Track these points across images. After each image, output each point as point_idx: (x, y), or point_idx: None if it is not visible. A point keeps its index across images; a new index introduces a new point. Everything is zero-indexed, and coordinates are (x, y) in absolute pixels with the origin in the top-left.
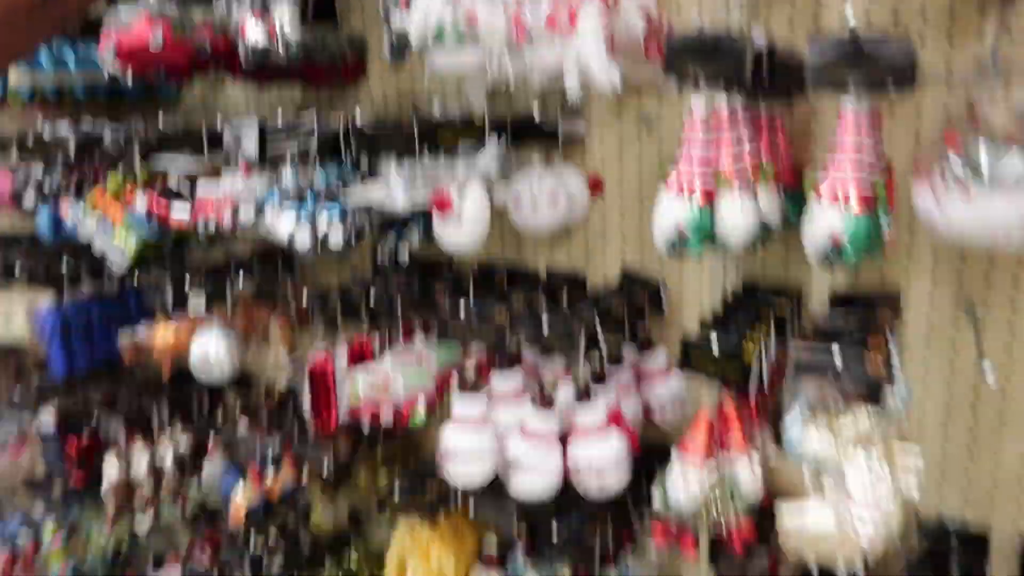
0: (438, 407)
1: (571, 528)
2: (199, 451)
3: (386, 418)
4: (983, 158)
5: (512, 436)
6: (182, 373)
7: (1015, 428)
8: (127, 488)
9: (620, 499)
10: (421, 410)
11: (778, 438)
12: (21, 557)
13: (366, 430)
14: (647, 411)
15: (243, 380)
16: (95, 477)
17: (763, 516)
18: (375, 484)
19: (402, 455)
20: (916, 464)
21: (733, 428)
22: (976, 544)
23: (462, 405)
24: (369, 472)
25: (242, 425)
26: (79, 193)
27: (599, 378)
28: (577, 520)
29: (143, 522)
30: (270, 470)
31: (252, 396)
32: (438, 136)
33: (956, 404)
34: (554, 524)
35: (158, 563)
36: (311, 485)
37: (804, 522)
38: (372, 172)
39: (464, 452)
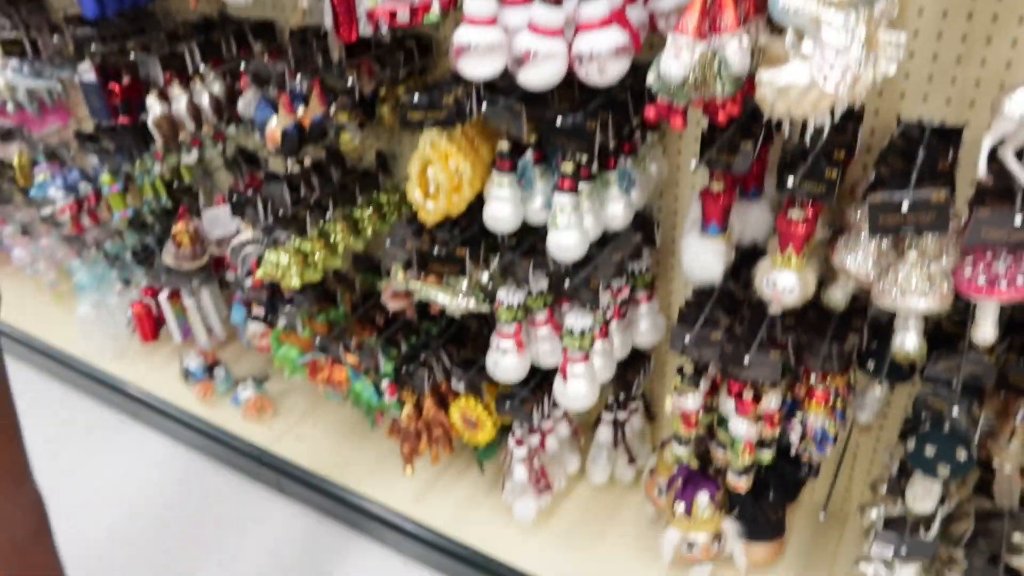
0: (452, 9)
1: (575, 123)
2: (232, 96)
3: (402, 18)
4: None
5: (521, 33)
6: (208, 20)
7: (1005, 34)
8: (171, 123)
9: (621, 105)
10: (436, 8)
11: (770, 21)
12: (85, 204)
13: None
14: (653, 20)
15: (267, 26)
16: (140, 122)
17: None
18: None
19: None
20: (898, 41)
21: (727, 9)
22: (949, 136)
23: (474, 4)
24: (392, 107)
25: (269, 60)
26: None
27: None
28: (580, 118)
29: (190, 158)
30: (300, 104)
31: (277, 39)
32: None
33: (953, 9)
34: (559, 119)
35: (208, 200)
36: (339, 115)
37: (778, 74)
38: None
39: (476, 46)
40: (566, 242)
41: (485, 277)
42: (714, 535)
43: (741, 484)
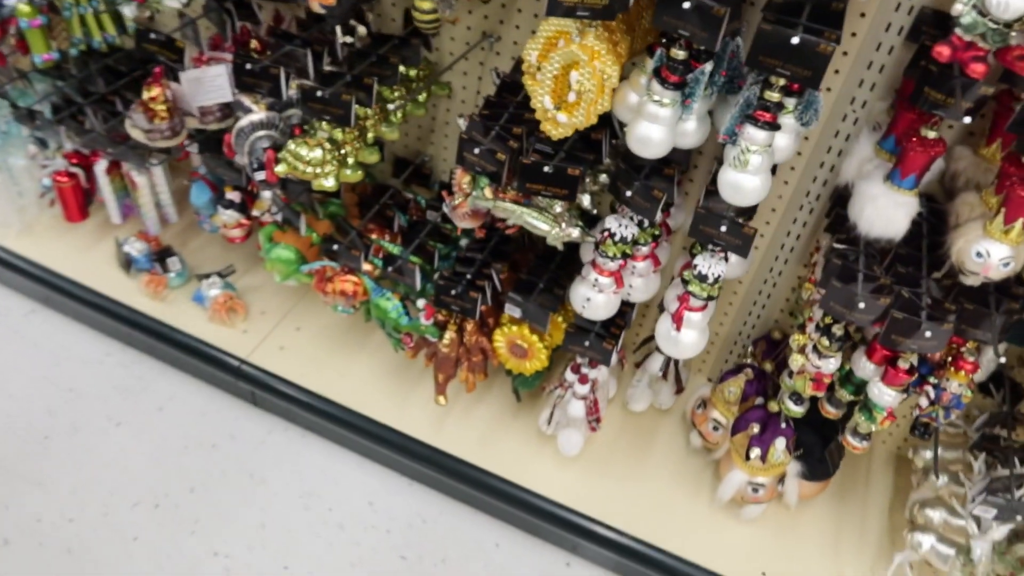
0: None
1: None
2: None
3: None
4: None
5: None
6: None
7: None
8: None
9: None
10: None
11: None
12: None
13: None
14: None
15: None
16: None
17: None
18: None
19: None
20: None
21: None
22: None
23: None
24: None
25: None
26: None
27: None
28: (812, 38)
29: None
30: None
31: None
32: None
33: None
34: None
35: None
36: None
37: None
38: None
39: None
40: (751, 185)
41: (587, 201)
42: (779, 477)
43: (863, 446)
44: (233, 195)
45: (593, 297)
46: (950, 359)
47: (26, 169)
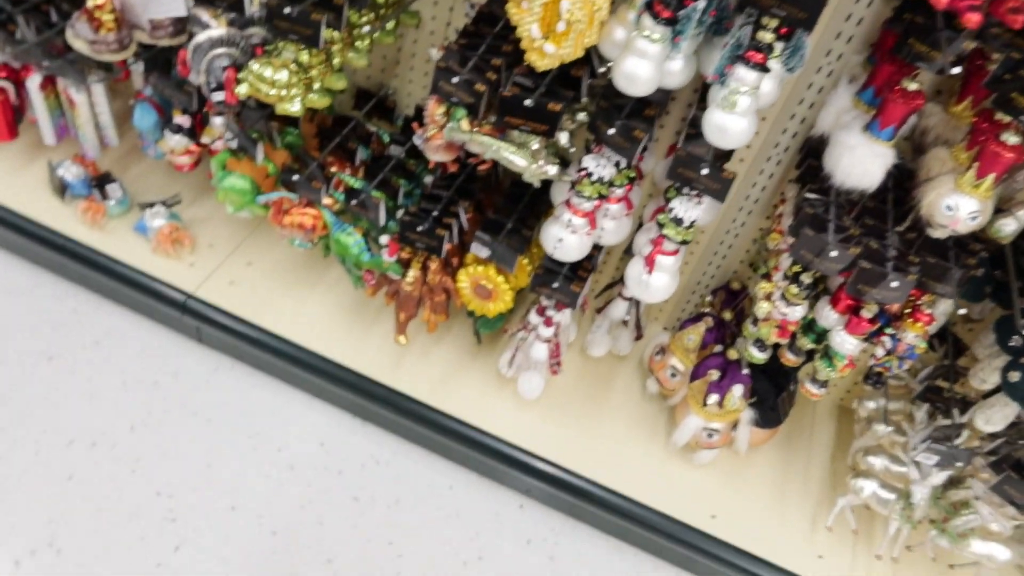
0: None
1: None
2: None
3: None
4: None
5: None
6: None
7: None
8: None
9: None
10: None
11: None
12: None
13: None
14: None
15: None
16: None
17: None
18: None
19: None
20: None
21: None
22: None
23: None
24: None
25: None
26: None
27: None
28: None
29: None
30: None
31: None
32: None
33: None
34: None
35: None
36: None
37: None
38: None
39: None
40: (737, 127)
41: (564, 139)
42: (733, 423)
43: (820, 393)
44: (182, 119)
45: (566, 238)
46: (908, 311)
47: None
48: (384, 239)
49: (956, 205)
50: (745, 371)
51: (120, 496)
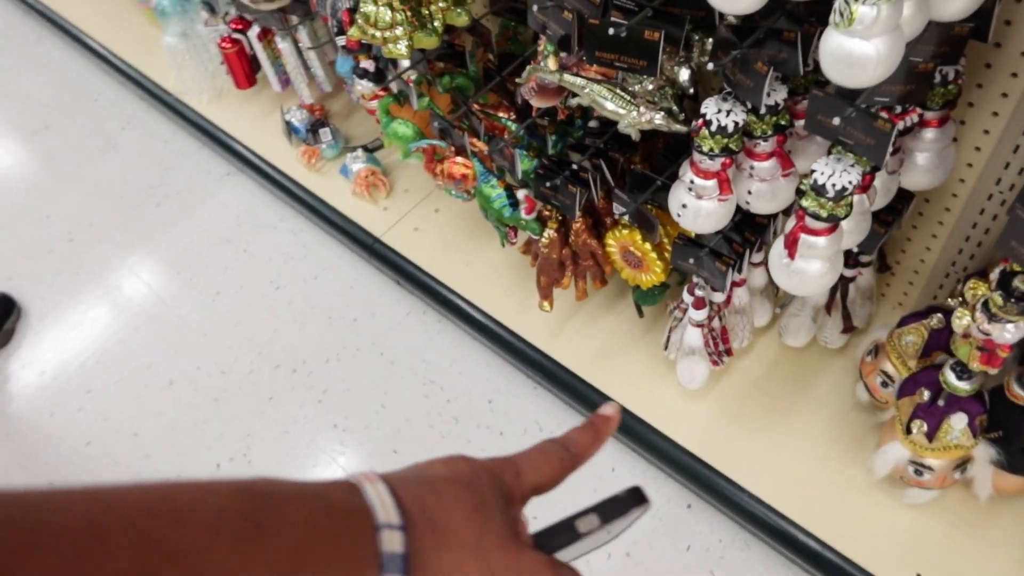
0: None
1: None
2: None
3: None
4: None
5: None
6: None
7: None
8: None
9: None
10: None
11: None
12: None
13: None
14: None
15: None
16: None
17: None
18: None
19: None
20: None
21: None
22: None
23: None
24: None
25: None
26: None
27: None
28: None
29: None
30: None
31: None
32: None
33: None
34: None
35: None
36: None
37: None
38: None
39: None
40: (864, 53)
41: (684, 75)
42: (958, 462)
43: None
44: (367, 63)
45: (690, 203)
46: None
47: (208, 36)
48: (522, 193)
49: None
50: (975, 396)
51: (305, 422)
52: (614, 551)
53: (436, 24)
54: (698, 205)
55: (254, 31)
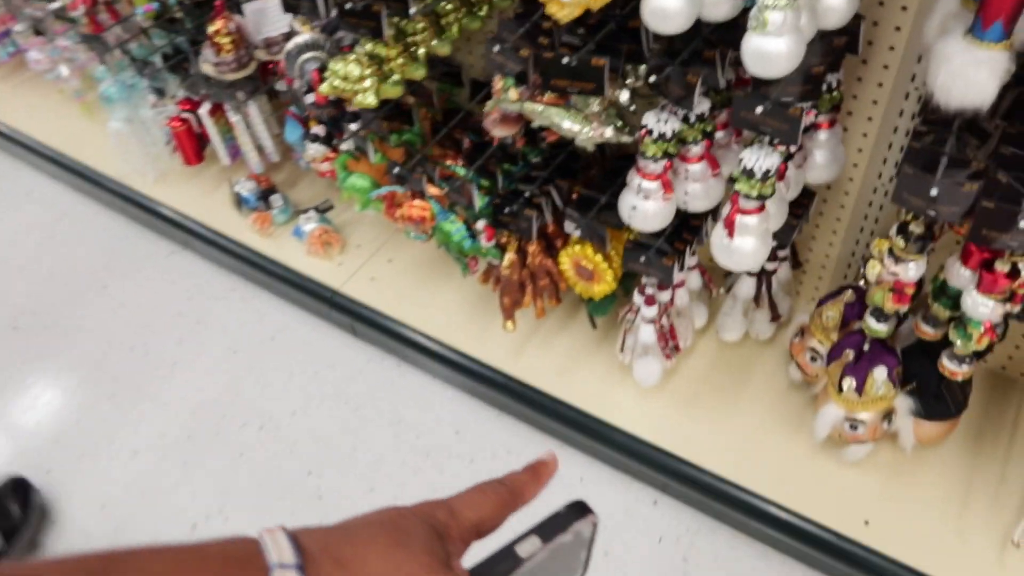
0: None
1: None
2: None
3: None
4: None
5: None
6: None
7: None
8: None
9: None
10: None
11: None
12: None
13: None
14: None
15: None
16: None
17: None
18: None
19: None
20: None
21: None
22: None
23: None
24: None
25: None
26: None
27: None
28: None
29: None
30: None
31: None
32: None
33: None
34: None
35: None
36: None
37: None
38: None
39: None
40: (776, 50)
41: (624, 97)
42: (884, 413)
43: (962, 371)
44: (318, 129)
45: (639, 205)
46: None
47: (155, 118)
48: (480, 224)
49: None
50: (889, 351)
51: (279, 474)
52: (594, 551)
53: (396, 77)
54: (646, 206)
55: (205, 108)
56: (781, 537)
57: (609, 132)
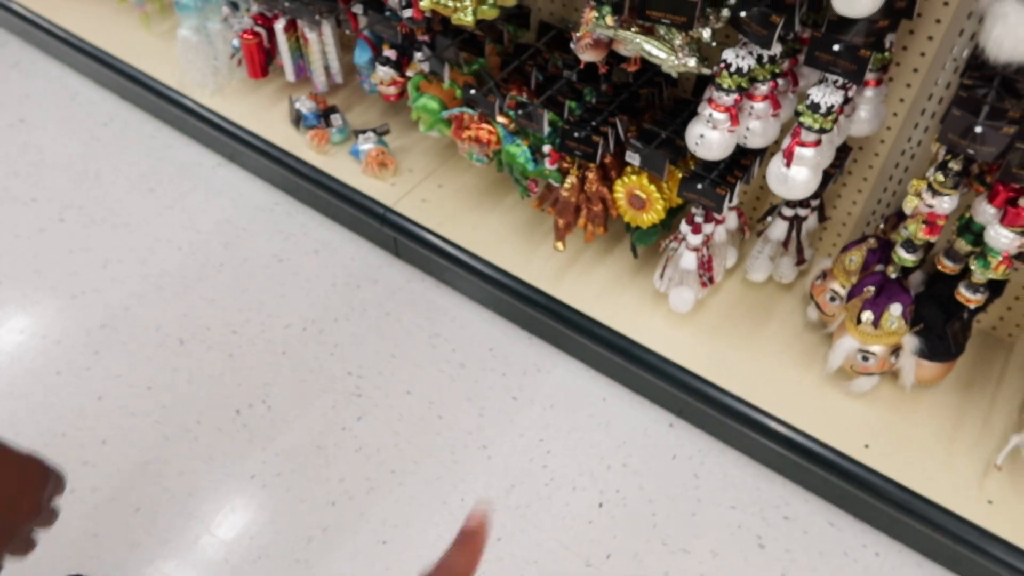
0: None
1: None
2: None
3: None
4: None
5: None
6: None
7: None
8: None
9: None
10: None
11: None
12: None
13: None
14: None
15: None
16: None
17: None
18: None
19: None
20: None
21: None
22: None
23: None
24: None
25: None
26: None
27: None
28: None
29: None
30: None
31: None
32: None
33: None
34: None
35: None
36: None
37: None
38: None
39: None
40: None
41: (707, 34)
42: (893, 348)
43: (977, 298)
44: (390, 52)
45: (707, 134)
46: None
47: (220, 32)
48: (547, 148)
49: None
50: (904, 291)
51: (321, 371)
52: (613, 463)
53: (493, 0)
54: (712, 135)
55: (280, 23)
56: (787, 454)
57: (692, 62)
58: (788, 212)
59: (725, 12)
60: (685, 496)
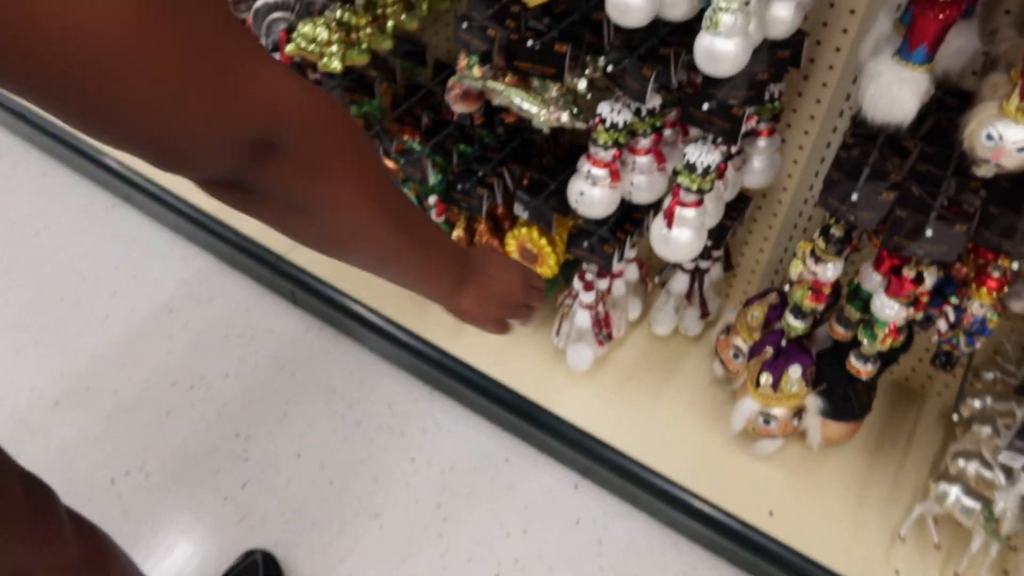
0: None
1: None
2: None
3: None
4: None
5: None
6: None
7: None
8: None
9: None
10: None
11: None
12: None
13: None
14: None
15: None
16: None
17: None
18: None
19: None
20: None
21: None
22: None
23: None
24: None
25: None
26: None
27: None
28: None
29: None
30: None
31: None
32: None
33: None
34: None
35: None
36: None
37: None
38: None
39: None
40: (725, 50)
41: (582, 85)
42: (795, 410)
43: (868, 370)
44: None
45: (587, 190)
46: (975, 275)
47: None
48: (432, 199)
49: (999, 134)
50: (804, 352)
51: (205, 432)
52: (512, 529)
53: (364, 46)
54: (593, 192)
55: None
56: (691, 523)
57: (565, 117)
58: (689, 265)
59: (602, 59)
60: (587, 565)
